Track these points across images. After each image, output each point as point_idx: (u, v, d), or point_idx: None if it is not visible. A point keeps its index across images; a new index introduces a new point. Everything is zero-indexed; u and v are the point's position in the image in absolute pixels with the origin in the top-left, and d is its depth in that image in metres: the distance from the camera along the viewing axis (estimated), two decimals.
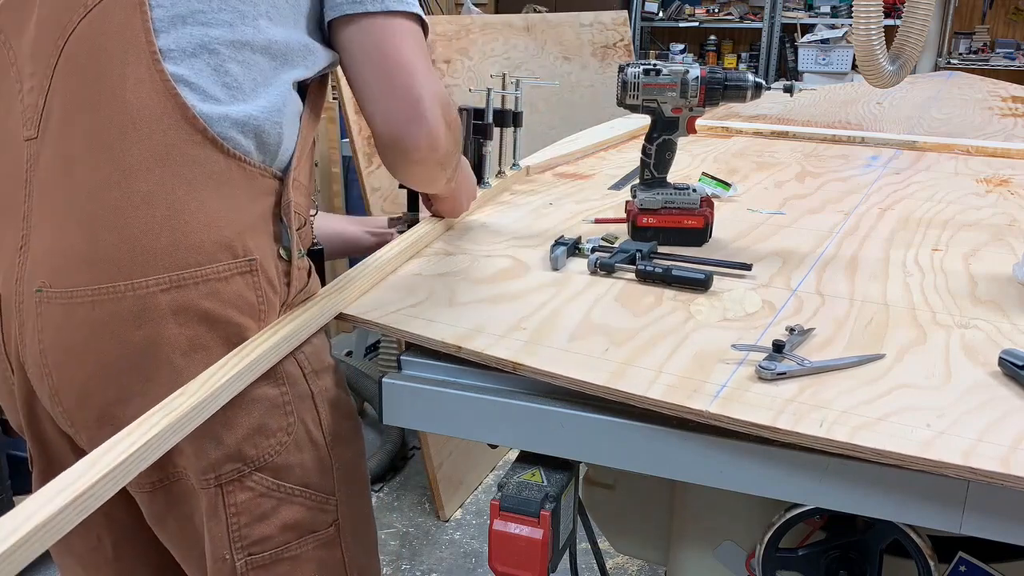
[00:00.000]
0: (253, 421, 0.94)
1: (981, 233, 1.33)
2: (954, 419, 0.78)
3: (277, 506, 0.98)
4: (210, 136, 0.90)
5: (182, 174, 0.89)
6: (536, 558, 0.89)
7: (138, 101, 0.88)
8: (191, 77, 0.89)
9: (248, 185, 0.94)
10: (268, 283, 0.95)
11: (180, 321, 0.89)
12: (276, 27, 0.94)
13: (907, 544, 0.87)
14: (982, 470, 0.70)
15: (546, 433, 0.90)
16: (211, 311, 0.91)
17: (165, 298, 0.89)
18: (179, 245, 0.89)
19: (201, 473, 0.94)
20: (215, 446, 0.93)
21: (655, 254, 1.19)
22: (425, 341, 0.97)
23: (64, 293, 0.89)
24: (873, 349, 0.92)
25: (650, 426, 0.84)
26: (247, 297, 0.93)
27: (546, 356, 0.92)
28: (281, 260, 0.97)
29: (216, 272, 0.90)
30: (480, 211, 1.44)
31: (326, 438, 1.01)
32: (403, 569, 2.30)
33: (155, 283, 0.88)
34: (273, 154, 0.96)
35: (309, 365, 1.00)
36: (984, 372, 0.87)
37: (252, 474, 0.96)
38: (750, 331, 0.97)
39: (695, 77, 1.20)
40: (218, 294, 0.91)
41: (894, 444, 0.74)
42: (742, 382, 0.85)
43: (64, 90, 0.90)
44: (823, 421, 0.78)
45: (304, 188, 1.01)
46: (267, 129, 0.94)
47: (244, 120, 0.92)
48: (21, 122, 0.93)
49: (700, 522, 1.08)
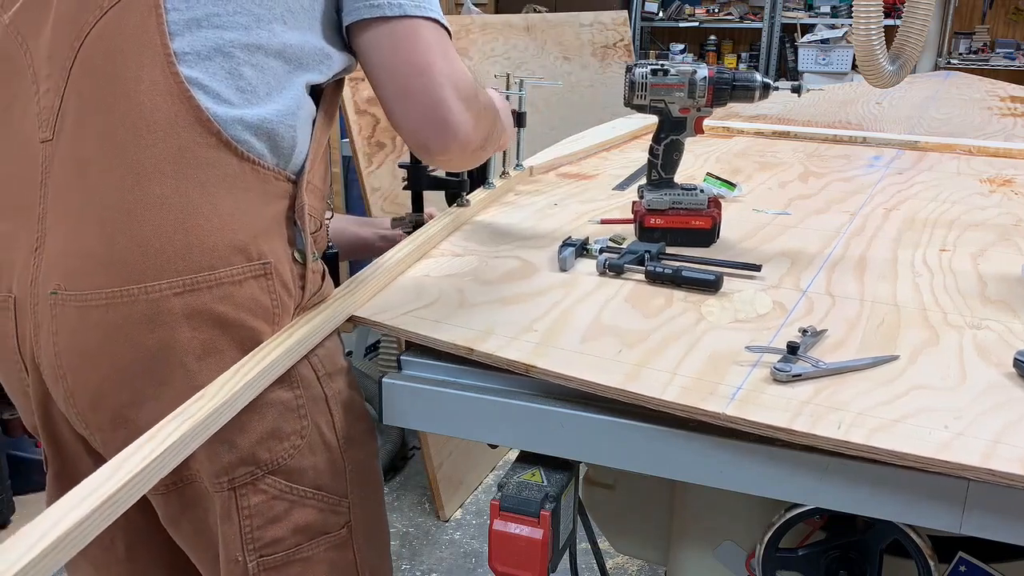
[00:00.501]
0: (267, 425, 0.94)
1: (988, 233, 1.34)
2: (971, 420, 0.78)
3: (290, 508, 0.98)
4: (224, 139, 0.89)
5: (195, 177, 0.89)
6: (536, 558, 0.89)
7: (152, 104, 0.88)
8: (205, 80, 0.89)
9: (262, 188, 0.93)
10: (283, 286, 0.95)
11: (194, 325, 0.89)
12: (291, 31, 0.94)
13: (907, 544, 0.87)
14: (1001, 472, 0.70)
15: (546, 433, 0.90)
16: (225, 315, 0.90)
17: (178, 302, 0.88)
18: (192, 248, 0.88)
19: (214, 476, 0.94)
20: (228, 450, 0.93)
21: (663, 255, 1.19)
22: (436, 343, 0.97)
23: (79, 296, 0.88)
24: (886, 350, 0.92)
25: (650, 426, 0.85)
26: (261, 301, 0.93)
27: (559, 358, 0.91)
28: (296, 263, 0.97)
29: (230, 276, 0.90)
30: (485, 212, 1.44)
31: (339, 441, 1.01)
32: (403, 569, 2.29)
33: (168, 287, 0.88)
34: (287, 157, 0.95)
35: (323, 368, 0.99)
36: (998, 373, 0.87)
37: (265, 477, 0.95)
38: (762, 332, 0.97)
39: (703, 77, 1.20)
40: (232, 298, 0.90)
41: (912, 446, 0.74)
42: (757, 384, 0.85)
43: (79, 92, 0.90)
44: (840, 423, 0.78)
45: (318, 191, 1.01)
46: (281, 132, 0.93)
47: (258, 123, 0.91)
48: (37, 124, 0.92)
49: (700, 522, 1.08)
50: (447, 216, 1.35)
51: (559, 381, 0.89)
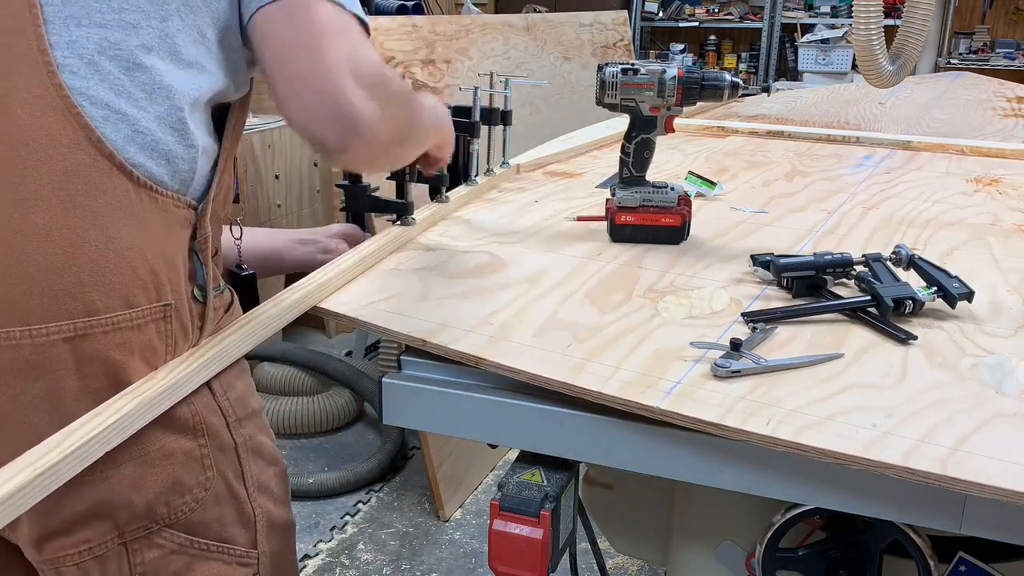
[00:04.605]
0: (164, 478, 0.85)
1: (961, 232, 1.33)
2: (901, 419, 0.78)
3: (191, 563, 0.89)
4: (117, 161, 0.79)
5: (85, 204, 0.77)
6: (536, 558, 0.89)
7: (31, 118, 0.76)
8: (92, 90, 0.78)
9: (161, 217, 0.83)
10: (180, 329, 0.85)
11: (85, 373, 0.79)
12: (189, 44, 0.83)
13: (907, 544, 0.87)
14: (920, 471, 0.71)
15: (546, 433, 0.90)
16: (121, 363, 0.80)
17: (67, 348, 0.78)
18: (85, 287, 0.77)
19: (106, 534, 0.84)
20: (124, 508, 0.83)
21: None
22: (393, 335, 0.98)
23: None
24: (834, 348, 0.92)
25: (650, 426, 0.84)
26: (156, 347, 0.83)
27: (509, 351, 0.92)
28: (195, 302, 0.88)
29: (129, 319, 0.80)
30: (465, 207, 1.45)
31: (248, 490, 0.93)
32: (403, 569, 2.31)
33: (56, 330, 0.77)
34: (187, 181, 0.85)
35: (234, 413, 0.91)
36: (940, 373, 0.87)
37: (162, 531, 0.86)
38: (714, 329, 0.98)
39: (672, 77, 1.21)
40: (128, 344, 0.80)
41: (837, 444, 0.74)
42: (697, 379, 0.86)
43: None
44: (770, 419, 0.78)
45: (219, 217, 0.92)
46: (179, 153, 0.83)
47: (153, 143, 0.81)
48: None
49: (700, 522, 1.08)
50: (394, 231, 1.26)
51: (507, 374, 0.90)
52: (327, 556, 2.36)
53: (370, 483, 2.65)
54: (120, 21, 0.79)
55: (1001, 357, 0.90)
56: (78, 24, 0.78)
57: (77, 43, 0.78)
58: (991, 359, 0.90)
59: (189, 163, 0.85)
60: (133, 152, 0.80)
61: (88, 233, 0.78)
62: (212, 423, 0.89)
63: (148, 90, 0.81)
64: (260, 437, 0.96)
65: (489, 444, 1.01)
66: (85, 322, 0.78)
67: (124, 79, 0.80)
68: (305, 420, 2.87)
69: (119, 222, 0.79)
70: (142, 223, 0.81)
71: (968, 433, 0.76)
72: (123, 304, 0.80)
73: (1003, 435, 0.76)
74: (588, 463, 1.01)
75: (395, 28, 2.36)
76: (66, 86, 0.77)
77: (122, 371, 0.81)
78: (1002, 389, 0.84)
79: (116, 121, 0.79)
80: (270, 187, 3.04)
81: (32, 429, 0.78)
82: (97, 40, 0.79)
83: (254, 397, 0.97)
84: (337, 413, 2.91)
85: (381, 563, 2.34)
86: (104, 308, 0.79)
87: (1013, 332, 0.98)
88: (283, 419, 2.85)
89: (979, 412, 0.80)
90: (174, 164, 0.83)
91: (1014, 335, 0.97)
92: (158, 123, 0.82)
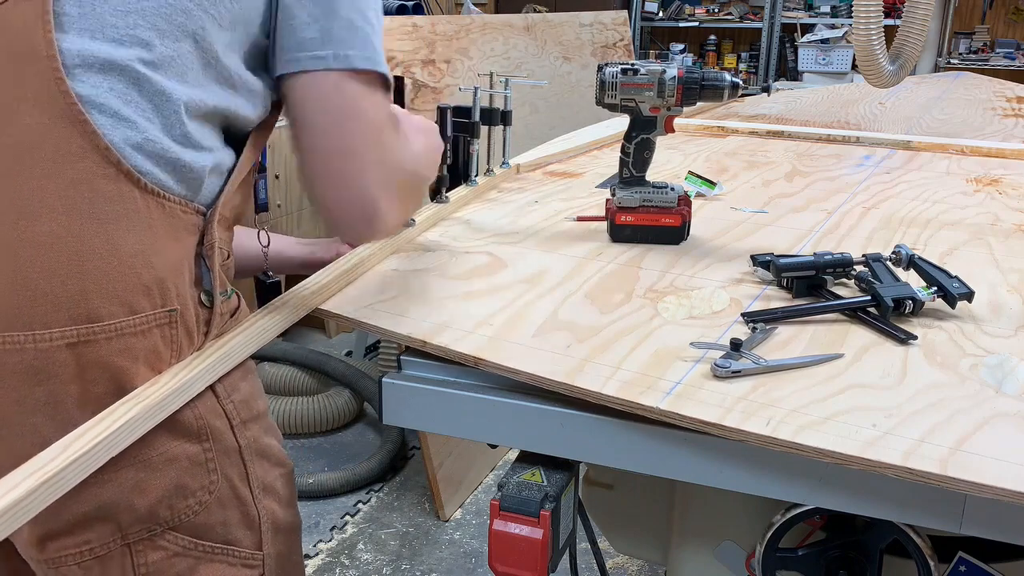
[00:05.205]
0: (168, 482, 0.85)
1: (962, 232, 1.33)
2: (901, 419, 0.78)
3: (195, 565, 0.89)
4: (124, 169, 0.79)
5: (91, 212, 0.78)
6: (536, 558, 0.89)
7: (38, 125, 0.76)
8: (101, 99, 0.78)
9: (168, 223, 0.83)
10: (186, 334, 0.85)
11: (87, 379, 0.79)
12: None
13: (907, 544, 0.87)
14: (920, 471, 0.71)
15: (546, 433, 0.90)
16: (124, 369, 0.80)
17: (71, 353, 0.78)
18: (89, 294, 0.77)
19: (108, 535, 0.85)
20: (126, 511, 0.83)
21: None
22: (393, 336, 0.99)
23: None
24: (834, 348, 0.92)
25: (650, 426, 0.84)
26: (161, 352, 0.83)
27: (509, 352, 0.92)
28: (202, 307, 0.88)
29: (132, 325, 0.80)
30: (465, 208, 1.45)
31: (253, 492, 0.93)
32: (403, 569, 2.31)
33: (60, 336, 0.77)
34: (196, 188, 0.85)
35: (238, 416, 0.91)
36: (940, 373, 0.87)
37: (165, 533, 0.86)
38: (714, 329, 0.98)
39: (672, 77, 1.21)
40: (132, 350, 0.80)
41: (837, 444, 0.74)
42: (697, 380, 0.86)
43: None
44: (770, 420, 0.78)
45: (229, 222, 0.93)
46: (187, 162, 0.83)
47: (161, 151, 0.81)
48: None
49: (700, 522, 1.08)
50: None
51: (506, 374, 0.90)
52: (327, 556, 2.36)
53: (370, 483, 2.65)
54: (134, 38, 0.80)
55: (1001, 357, 0.90)
56: (92, 37, 0.78)
57: (88, 54, 0.78)
58: (991, 359, 0.90)
59: (198, 172, 0.85)
60: (140, 160, 0.80)
61: (93, 242, 0.78)
62: (216, 426, 0.89)
63: (156, 102, 0.81)
64: (266, 439, 0.96)
65: (489, 444, 1.01)
66: (88, 328, 0.78)
67: (132, 91, 0.80)
68: (305, 420, 2.87)
69: (125, 229, 0.80)
70: (148, 229, 0.81)
71: (968, 433, 0.76)
72: (127, 310, 0.80)
73: (1003, 435, 0.76)
74: (588, 463, 1.01)
75: (395, 28, 2.36)
76: (74, 94, 0.77)
77: (125, 376, 0.81)
78: (1002, 389, 0.84)
79: (123, 129, 0.79)
80: (270, 187, 3.04)
81: (35, 433, 0.78)
82: (108, 53, 0.79)
83: (261, 399, 0.97)
84: (337, 413, 2.91)
85: (381, 563, 2.34)
86: (107, 315, 0.79)
87: (1013, 332, 0.98)
88: (283, 419, 2.85)
89: (979, 412, 0.80)
90: (181, 172, 0.83)
91: (1014, 335, 0.97)
92: (165, 133, 0.82)
